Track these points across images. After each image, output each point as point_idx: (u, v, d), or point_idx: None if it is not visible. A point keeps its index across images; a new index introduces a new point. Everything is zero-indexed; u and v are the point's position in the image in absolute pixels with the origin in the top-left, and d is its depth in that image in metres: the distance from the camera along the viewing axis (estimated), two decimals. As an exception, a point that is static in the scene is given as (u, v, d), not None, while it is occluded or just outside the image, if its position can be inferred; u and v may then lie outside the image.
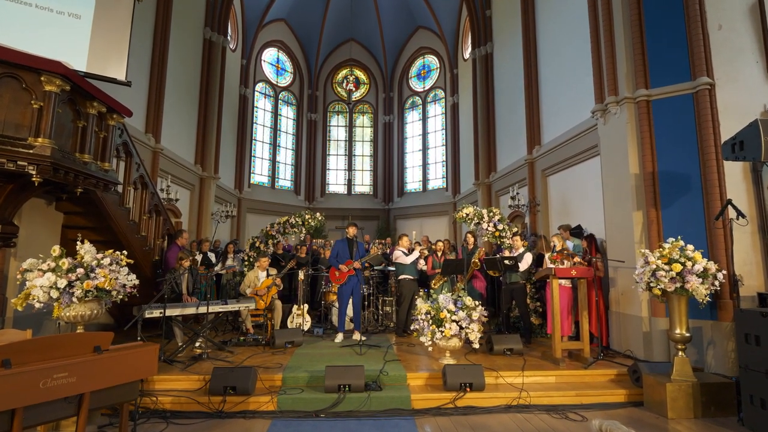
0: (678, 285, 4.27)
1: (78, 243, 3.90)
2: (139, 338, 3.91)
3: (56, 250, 3.75)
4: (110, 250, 4.01)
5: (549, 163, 8.59)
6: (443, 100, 17.68)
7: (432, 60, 18.33)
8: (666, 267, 4.30)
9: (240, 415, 4.01)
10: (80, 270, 3.67)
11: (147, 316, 4.65)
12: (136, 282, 4.15)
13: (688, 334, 4.40)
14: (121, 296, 3.97)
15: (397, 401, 4.24)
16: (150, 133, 8.45)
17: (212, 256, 8.38)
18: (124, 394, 3.09)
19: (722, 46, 5.40)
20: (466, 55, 14.76)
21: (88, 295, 3.70)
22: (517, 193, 9.25)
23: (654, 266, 4.37)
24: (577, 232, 6.69)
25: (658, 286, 4.35)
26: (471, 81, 13.27)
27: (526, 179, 9.47)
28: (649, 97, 5.67)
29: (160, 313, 4.76)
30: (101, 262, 3.82)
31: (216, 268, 8.04)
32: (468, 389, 4.36)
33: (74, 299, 3.63)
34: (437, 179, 17.80)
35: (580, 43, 7.39)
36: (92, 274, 3.73)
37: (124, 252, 4.17)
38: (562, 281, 5.52)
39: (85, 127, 4.60)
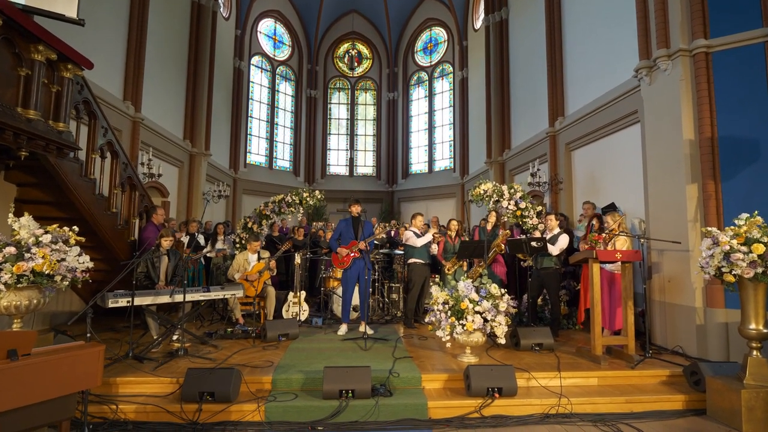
0: (759, 270, 3.46)
1: (10, 215, 3.08)
2: (88, 335, 3.15)
3: (-20, 223, 2.95)
4: (53, 225, 3.20)
5: (574, 136, 7.70)
6: (451, 75, 16.64)
7: (439, 32, 17.22)
8: (744, 248, 3.48)
9: (219, 427, 3.26)
10: (9, 249, 2.87)
11: (111, 305, 3.88)
12: (90, 265, 3.37)
13: (766, 330, 3.61)
14: (67, 282, 3.18)
15: (411, 410, 3.49)
16: (129, 100, 7.56)
17: (201, 239, 7.61)
18: (54, 413, 2.33)
19: (801, -16, 4.48)
20: (477, 24, 13.71)
21: (22, 281, 2.91)
22: (538, 170, 8.37)
23: (727, 247, 3.55)
24: (611, 210, 5.85)
25: (733, 272, 3.54)
26: (482, 53, 12.25)
27: (547, 155, 8.59)
28: (709, 49, 4.77)
29: (128, 302, 3.98)
30: (40, 239, 3.01)
31: (204, 251, 7.29)
32: (497, 394, 3.61)
33: (0, 285, 2.84)
34: (444, 160, 16.90)
35: (616, -6, 6.46)
36: (27, 255, 2.93)
37: (74, 228, 3.37)
38: (607, 266, 4.72)
39: (29, 76, 3.78)
